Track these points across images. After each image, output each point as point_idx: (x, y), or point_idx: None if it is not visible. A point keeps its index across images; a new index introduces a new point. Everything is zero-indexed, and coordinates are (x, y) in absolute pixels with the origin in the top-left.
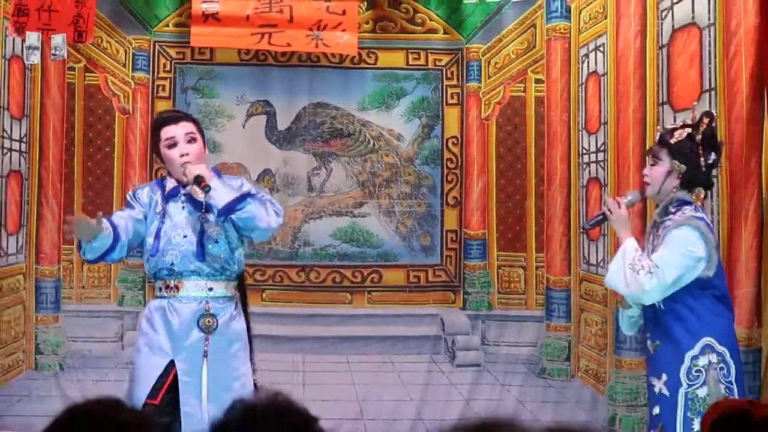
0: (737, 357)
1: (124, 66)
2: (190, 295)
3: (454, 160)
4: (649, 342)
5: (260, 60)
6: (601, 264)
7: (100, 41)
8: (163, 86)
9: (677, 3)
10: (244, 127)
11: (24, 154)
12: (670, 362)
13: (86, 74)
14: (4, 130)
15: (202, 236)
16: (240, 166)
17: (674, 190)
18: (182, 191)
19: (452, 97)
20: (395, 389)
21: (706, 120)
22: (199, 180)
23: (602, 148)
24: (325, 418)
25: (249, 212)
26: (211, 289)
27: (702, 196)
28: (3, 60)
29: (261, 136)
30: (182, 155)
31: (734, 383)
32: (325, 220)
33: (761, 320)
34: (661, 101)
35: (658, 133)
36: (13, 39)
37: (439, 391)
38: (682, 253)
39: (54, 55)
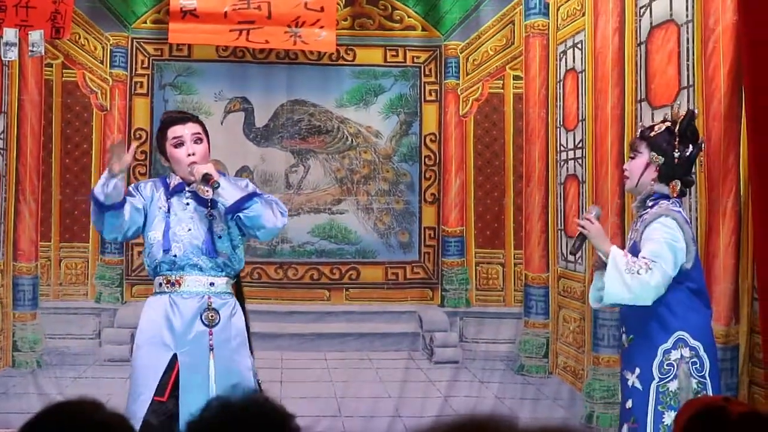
0: (713, 352)
1: (102, 63)
2: (192, 290)
3: (432, 157)
4: (624, 336)
5: (238, 57)
6: (579, 261)
7: (77, 38)
8: (141, 83)
9: (655, 0)
10: (222, 123)
11: (1, 152)
12: (643, 356)
13: (64, 71)
14: None
15: (212, 233)
16: (218, 163)
17: (652, 182)
18: (187, 188)
19: (430, 94)
20: (373, 386)
21: (683, 113)
22: (207, 178)
23: (580, 145)
24: (303, 415)
25: (256, 211)
26: (212, 284)
27: (677, 188)
28: None
29: (239, 132)
30: (189, 155)
31: (707, 378)
32: (303, 217)
33: (738, 317)
34: (639, 98)
35: (639, 129)
36: None
37: (417, 388)
38: (668, 242)
39: (31, 51)
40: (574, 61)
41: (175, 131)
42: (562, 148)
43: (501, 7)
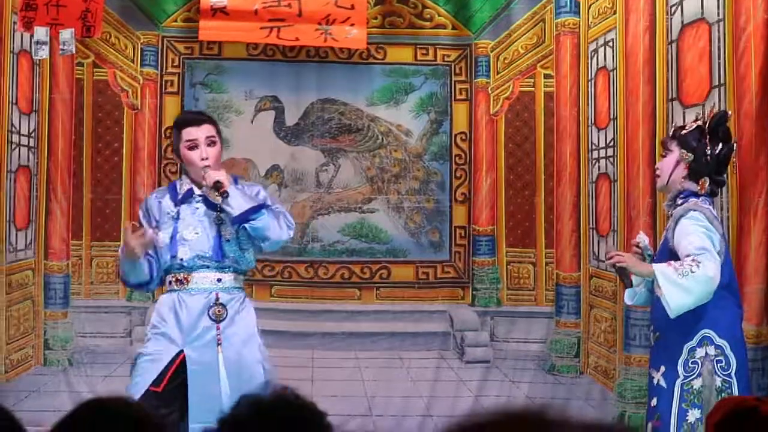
0: (741, 351)
1: (133, 61)
2: (200, 287)
3: (463, 156)
4: (651, 334)
5: (268, 55)
6: None
7: (108, 36)
8: (172, 81)
9: None
10: (252, 122)
11: (32, 150)
12: (669, 354)
13: (95, 69)
14: (12, 125)
15: (220, 237)
16: (248, 162)
17: (682, 180)
18: (197, 193)
19: (461, 93)
20: (404, 385)
21: (715, 112)
22: (218, 186)
23: (611, 144)
24: (334, 414)
25: (262, 223)
26: (219, 280)
27: (706, 185)
28: (11, 55)
29: (269, 131)
30: (203, 158)
31: (733, 377)
32: (333, 216)
33: None
34: (670, 97)
35: (672, 128)
36: (22, 34)
37: (448, 387)
38: (704, 232)
39: (62, 50)
40: (605, 59)
41: (189, 133)
42: (594, 147)
43: (531, 6)
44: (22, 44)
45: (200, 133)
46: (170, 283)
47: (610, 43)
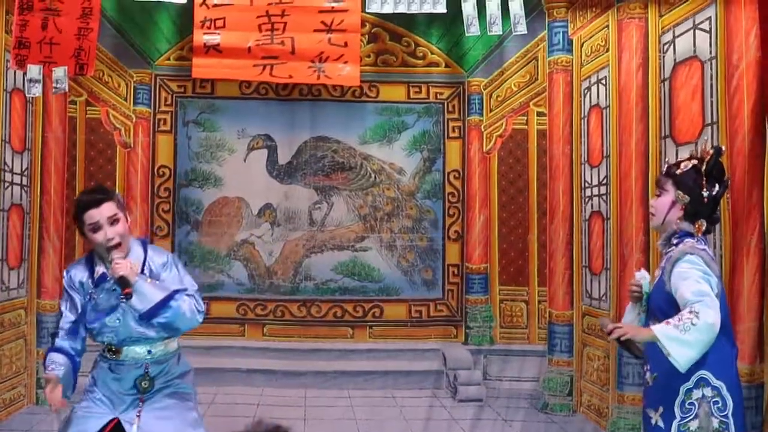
0: (736, 392)
1: (126, 99)
2: (130, 358)
3: (456, 193)
4: (648, 374)
5: (261, 94)
6: (603, 298)
7: (101, 75)
8: (165, 120)
9: (679, 36)
10: (245, 161)
11: (25, 188)
12: (666, 394)
13: (87, 108)
14: (5, 163)
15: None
16: (241, 201)
17: (678, 221)
18: (109, 277)
19: (454, 131)
20: (397, 424)
21: (711, 152)
22: (122, 284)
23: (604, 182)
24: None
25: (169, 317)
26: (149, 352)
27: (703, 227)
28: (4, 93)
29: (262, 170)
30: (108, 239)
31: (730, 418)
32: (326, 254)
33: (763, 355)
34: (663, 134)
35: (665, 165)
36: (15, 72)
37: (440, 426)
38: (701, 276)
39: (55, 88)
40: (598, 97)
41: (91, 216)
42: (587, 185)
43: (524, 44)
44: (15, 82)
45: (101, 214)
46: (104, 350)
47: (603, 81)
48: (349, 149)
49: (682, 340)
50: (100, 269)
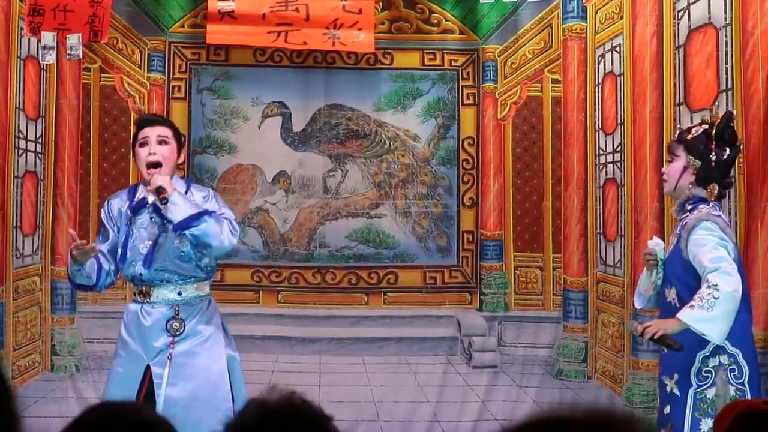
0: (752, 358)
1: (140, 67)
2: (160, 300)
3: (470, 160)
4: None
5: (276, 61)
6: (618, 265)
7: (115, 42)
8: (179, 87)
9: (693, 3)
10: (259, 128)
11: (39, 155)
12: (681, 362)
13: (102, 75)
14: (19, 130)
15: (154, 246)
16: (255, 168)
17: (690, 186)
18: (148, 201)
19: (468, 98)
20: (411, 390)
21: (721, 116)
22: (159, 191)
23: (619, 149)
24: (341, 419)
25: (202, 230)
26: (180, 293)
27: (715, 191)
28: (18, 60)
29: (276, 137)
30: (150, 154)
31: (746, 385)
32: (340, 221)
33: None
34: (677, 101)
35: (677, 131)
36: (29, 39)
37: (455, 392)
38: (719, 242)
39: (69, 55)
40: (612, 64)
41: (144, 132)
42: (601, 152)
43: (539, 11)
44: (29, 49)
45: (153, 132)
46: (134, 293)
47: (618, 48)
48: (364, 116)
49: (711, 318)
50: (141, 194)
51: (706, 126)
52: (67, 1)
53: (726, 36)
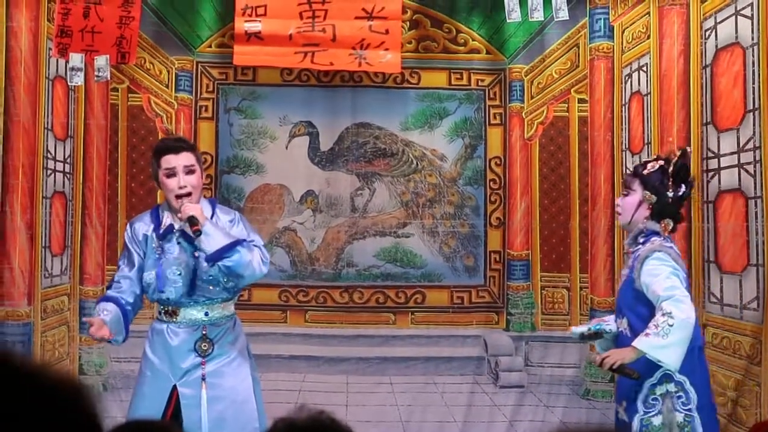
0: (703, 385)
1: (167, 87)
2: (188, 320)
3: (497, 180)
4: (617, 375)
5: (303, 81)
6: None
7: (143, 62)
8: (206, 107)
9: (720, 23)
10: (286, 148)
11: (68, 175)
12: (630, 389)
13: (129, 95)
14: (48, 151)
15: (194, 275)
16: (283, 188)
17: (644, 220)
18: (176, 228)
19: (495, 117)
20: (438, 410)
21: (678, 153)
22: (192, 222)
23: None
24: None
25: (235, 261)
26: (206, 314)
27: (670, 227)
28: (46, 80)
29: (304, 156)
30: (180, 187)
31: (694, 411)
32: (368, 240)
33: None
34: (705, 121)
35: (632, 165)
36: (57, 60)
37: (482, 412)
38: (671, 272)
39: (97, 76)
40: (639, 83)
41: (168, 161)
42: (628, 172)
43: (565, 31)
44: (57, 70)
45: (179, 161)
46: (160, 313)
47: (644, 68)
48: (391, 135)
49: (667, 345)
50: (167, 221)
51: (662, 162)
52: (95, 22)
53: (753, 55)
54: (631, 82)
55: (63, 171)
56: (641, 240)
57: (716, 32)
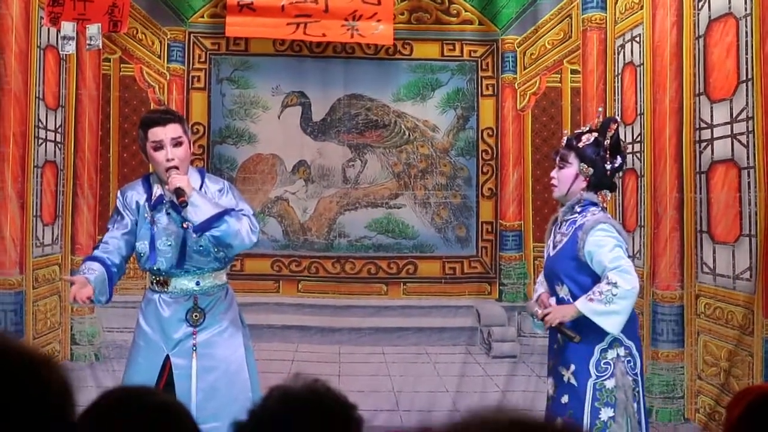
0: (641, 351)
1: (160, 57)
2: (178, 290)
3: (490, 151)
4: (558, 334)
5: (295, 51)
6: (637, 255)
7: (135, 32)
8: (198, 77)
9: None
10: (279, 118)
11: (59, 145)
12: (578, 354)
13: (121, 65)
14: (39, 120)
15: (184, 246)
16: (275, 157)
17: (581, 191)
18: (166, 199)
19: (487, 89)
20: (431, 380)
21: (613, 126)
22: (178, 194)
23: (638, 139)
24: (361, 409)
25: (223, 231)
26: (198, 283)
27: (608, 198)
28: (38, 50)
29: (296, 127)
30: (168, 159)
31: (638, 375)
32: (360, 211)
33: None
34: (697, 92)
35: (565, 137)
36: (48, 29)
37: (474, 382)
38: (616, 243)
39: (89, 45)
40: (632, 54)
41: (155, 133)
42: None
43: (558, 1)
44: (48, 39)
45: (166, 133)
46: (152, 282)
47: (637, 39)
48: (383, 107)
49: (608, 311)
50: (157, 191)
51: (596, 134)
52: None
53: (746, 26)
54: (623, 52)
55: (54, 140)
56: (578, 209)
57: (709, 3)
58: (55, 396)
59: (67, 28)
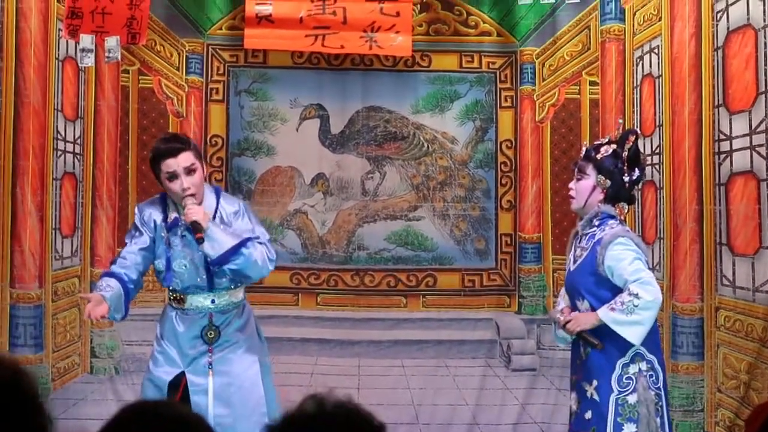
0: (663, 364)
1: (178, 69)
2: (194, 307)
3: (508, 163)
4: (581, 348)
5: (313, 63)
6: (657, 267)
7: (153, 44)
8: (217, 89)
9: (732, 4)
10: (297, 130)
11: (78, 156)
12: (601, 369)
13: (140, 77)
14: (58, 132)
15: (199, 266)
16: (293, 170)
17: (599, 204)
18: (181, 222)
19: (506, 100)
20: (450, 393)
21: (632, 138)
22: (195, 228)
23: (657, 151)
24: None
25: (240, 264)
26: (213, 301)
27: (625, 210)
28: (57, 62)
29: (314, 139)
30: (184, 189)
31: (662, 389)
32: (379, 223)
33: None
34: (716, 103)
35: (584, 149)
36: (67, 41)
37: (494, 395)
38: (635, 256)
39: (108, 57)
40: (650, 66)
41: (168, 165)
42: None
43: (576, 13)
44: (67, 51)
45: (178, 163)
46: (170, 299)
47: (656, 50)
48: (402, 119)
49: (628, 322)
50: (173, 214)
51: (614, 146)
52: (105, 3)
53: (765, 37)
54: (642, 64)
55: (73, 152)
56: (596, 223)
57: (728, 14)
58: (24, 401)
59: (86, 40)
